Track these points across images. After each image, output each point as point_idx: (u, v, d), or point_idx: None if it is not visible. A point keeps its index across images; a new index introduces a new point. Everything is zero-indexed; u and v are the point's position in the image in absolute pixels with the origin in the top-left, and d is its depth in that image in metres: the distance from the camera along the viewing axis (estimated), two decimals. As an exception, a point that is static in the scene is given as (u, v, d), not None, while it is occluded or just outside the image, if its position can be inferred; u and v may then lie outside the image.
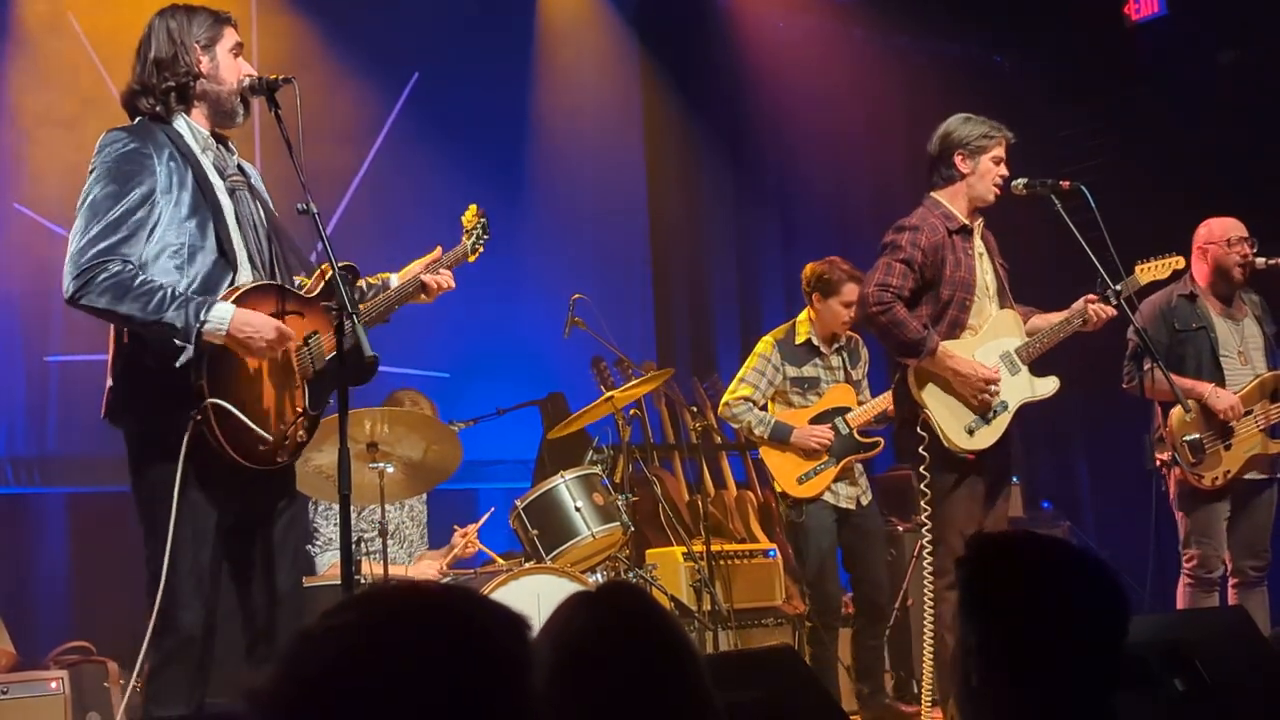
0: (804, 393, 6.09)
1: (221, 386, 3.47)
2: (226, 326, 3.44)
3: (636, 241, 8.88)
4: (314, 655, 1.31)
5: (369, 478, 5.09)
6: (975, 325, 4.90)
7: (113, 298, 3.43)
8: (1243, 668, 3.45)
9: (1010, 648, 2.09)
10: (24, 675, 5.24)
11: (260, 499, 3.69)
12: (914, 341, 4.75)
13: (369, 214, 7.66)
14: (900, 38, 9.58)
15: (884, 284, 4.79)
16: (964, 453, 4.79)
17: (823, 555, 6.01)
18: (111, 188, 3.53)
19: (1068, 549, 2.18)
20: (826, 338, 6.12)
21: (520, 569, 5.24)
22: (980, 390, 4.78)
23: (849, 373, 6.15)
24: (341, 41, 7.63)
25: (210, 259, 3.59)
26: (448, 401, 7.07)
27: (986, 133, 4.93)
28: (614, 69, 8.95)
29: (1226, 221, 5.91)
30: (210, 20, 3.74)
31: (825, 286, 6.05)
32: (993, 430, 4.84)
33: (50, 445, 6.78)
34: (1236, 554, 5.80)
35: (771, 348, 6.14)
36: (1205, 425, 5.71)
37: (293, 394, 3.63)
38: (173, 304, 3.42)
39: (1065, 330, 4.99)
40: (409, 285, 3.93)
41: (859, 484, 6.09)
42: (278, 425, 3.58)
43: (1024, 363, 4.94)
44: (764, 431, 6.04)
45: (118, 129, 3.65)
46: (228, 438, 3.47)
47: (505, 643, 1.34)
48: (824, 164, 9.41)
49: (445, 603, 1.35)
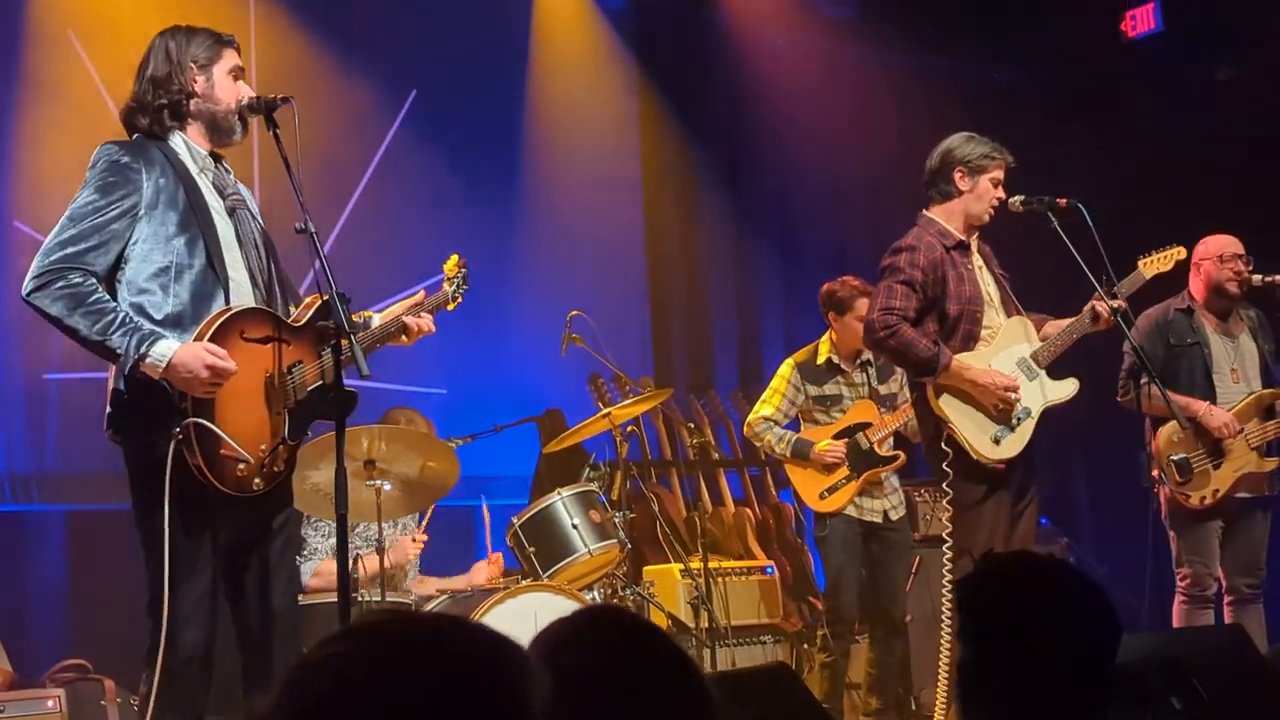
0: (827, 410, 6.14)
1: (206, 407, 3.48)
2: (165, 363, 3.43)
3: (634, 258, 8.89)
4: (311, 685, 1.31)
5: (366, 495, 5.09)
6: (987, 336, 4.91)
7: (64, 307, 3.47)
8: (1239, 685, 3.46)
9: (1005, 666, 2.11)
10: (21, 694, 5.23)
11: (257, 517, 3.69)
12: (927, 359, 4.75)
13: (366, 232, 7.67)
14: (897, 55, 9.60)
15: (888, 308, 4.80)
16: (993, 463, 4.78)
17: (839, 567, 6.03)
18: (94, 197, 3.56)
19: (1061, 568, 2.20)
20: (849, 355, 6.16)
21: (517, 587, 5.24)
22: (1001, 398, 4.78)
23: (874, 388, 6.16)
24: (340, 60, 7.65)
25: (199, 278, 3.60)
26: (446, 418, 7.07)
27: (988, 153, 4.95)
28: (612, 88, 8.98)
29: (1222, 239, 5.92)
30: (210, 41, 3.77)
31: (838, 305, 6.11)
32: (1019, 437, 4.84)
33: (49, 462, 6.79)
34: (1231, 572, 5.79)
35: (791, 369, 6.21)
36: (1196, 444, 5.71)
37: (275, 422, 3.63)
38: (120, 329, 3.45)
39: (1078, 330, 4.98)
40: (391, 325, 3.94)
41: (888, 499, 6.10)
42: (257, 451, 3.58)
43: (1040, 367, 4.95)
44: (785, 449, 6.11)
45: (111, 143, 3.68)
46: (205, 460, 3.47)
47: (503, 675, 1.34)
48: (821, 180, 9.43)
49: (443, 634, 1.35)
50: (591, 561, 5.54)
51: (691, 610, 6.11)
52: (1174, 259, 5.39)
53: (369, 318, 3.99)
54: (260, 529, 3.70)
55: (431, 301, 4.09)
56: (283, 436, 3.64)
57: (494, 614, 4.98)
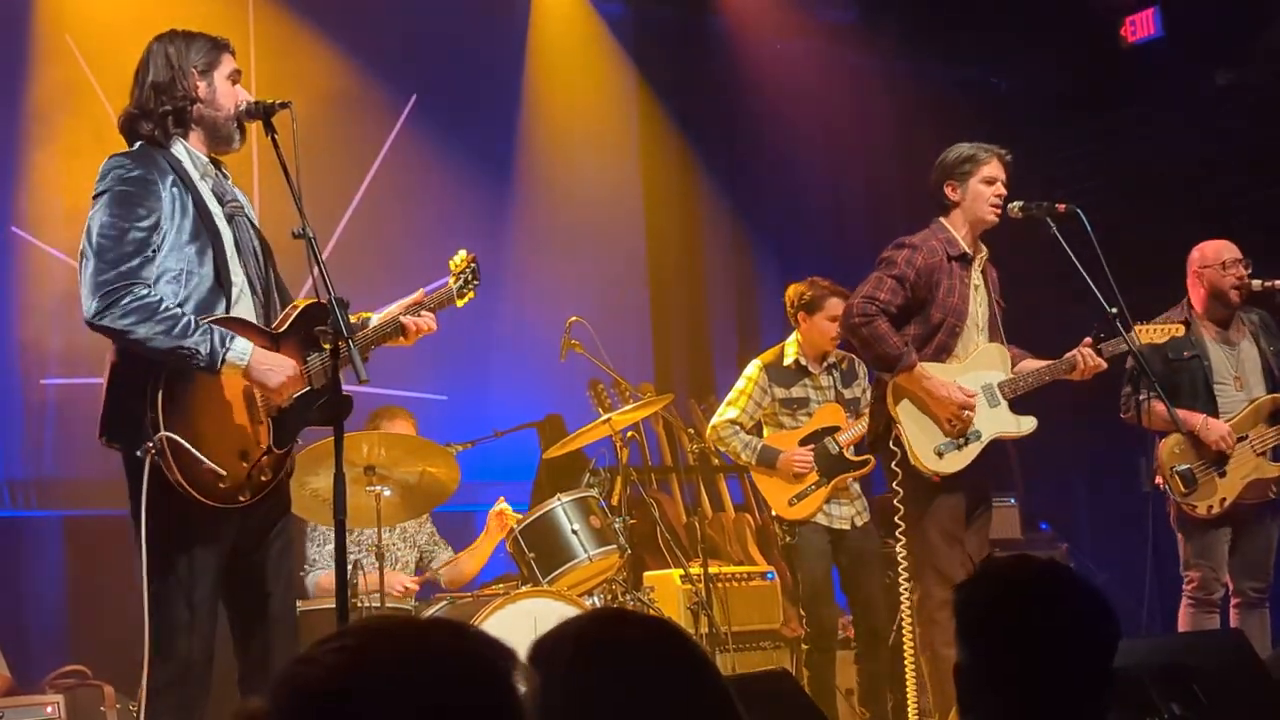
0: (794, 413, 6.10)
1: (179, 420, 3.47)
2: (248, 359, 3.49)
3: (634, 264, 8.89)
4: (302, 683, 1.31)
5: (366, 501, 5.08)
6: (961, 354, 4.94)
7: (136, 320, 3.44)
8: (1239, 690, 3.45)
9: (1003, 671, 2.10)
10: (20, 700, 5.22)
11: (254, 524, 3.68)
12: (892, 356, 4.79)
13: (366, 237, 7.66)
14: (898, 61, 9.60)
15: (871, 297, 4.85)
16: (930, 474, 4.83)
17: (815, 578, 6.01)
18: (122, 212, 3.54)
19: (1059, 572, 2.19)
20: (815, 357, 6.13)
21: (517, 592, 5.23)
22: (955, 414, 4.79)
23: (840, 392, 6.15)
24: (340, 64, 7.65)
25: (205, 285, 3.60)
26: (445, 423, 7.06)
27: (971, 155, 4.98)
28: (612, 93, 8.98)
29: (1219, 244, 5.91)
30: (208, 46, 3.76)
31: (809, 305, 6.08)
32: (962, 457, 4.86)
33: (47, 468, 6.78)
34: (1238, 576, 5.79)
35: (759, 370, 6.17)
36: (1197, 455, 5.70)
37: (257, 431, 3.62)
38: (197, 331, 3.46)
39: (1053, 374, 5.02)
40: (386, 326, 3.91)
41: (854, 504, 6.08)
42: (239, 462, 3.56)
43: (1005, 398, 4.96)
44: (750, 456, 6.07)
45: (121, 154, 3.66)
46: (184, 473, 3.46)
47: (492, 676, 1.35)
48: (821, 185, 9.43)
49: (432, 635, 1.36)
50: (591, 567, 5.54)
51: (691, 616, 6.11)
52: (1169, 334, 5.48)
53: (367, 318, 3.97)
54: (257, 535, 3.69)
55: (433, 299, 4.05)
56: (268, 446, 3.63)
57: (494, 619, 4.98)
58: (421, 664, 1.32)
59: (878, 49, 9.48)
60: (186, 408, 3.50)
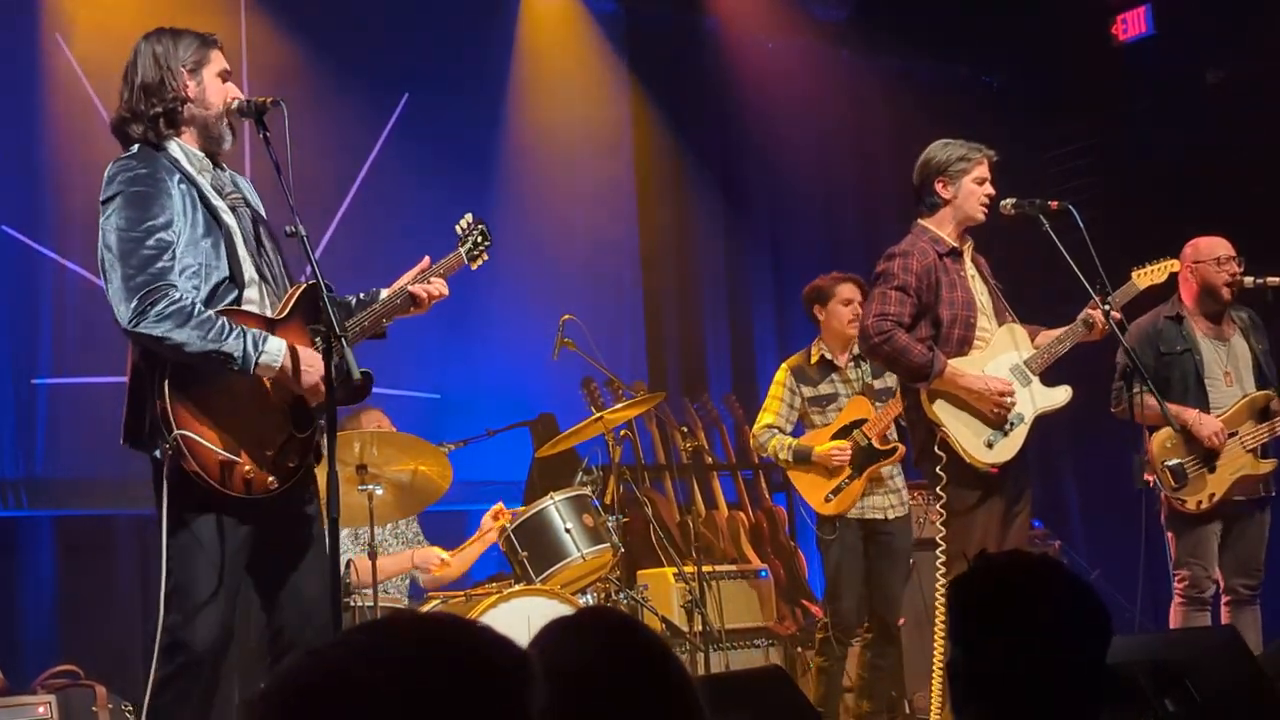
0: (823, 410, 6.09)
1: (194, 416, 3.47)
2: (280, 359, 3.48)
3: (627, 262, 8.88)
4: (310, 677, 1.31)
5: (358, 500, 5.08)
6: (980, 344, 4.92)
7: (173, 324, 3.42)
8: (1231, 686, 3.45)
9: (996, 667, 2.10)
10: (11, 700, 5.21)
11: (287, 510, 3.66)
12: (921, 365, 4.75)
13: (358, 235, 7.65)
14: (889, 58, 9.61)
15: (882, 314, 4.81)
16: (986, 467, 4.78)
17: (839, 572, 5.95)
18: (137, 214, 3.52)
19: (1052, 568, 2.19)
20: (840, 349, 6.10)
21: (510, 591, 5.24)
22: (997, 403, 4.79)
23: (869, 384, 6.13)
24: (332, 63, 7.64)
25: (221, 278, 3.60)
26: (438, 422, 7.06)
27: (964, 154, 4.96)
28: (603, 90, 8.97)
29: (1213, 240, 5.92)
30: (197, 43, 3.73)
31: (821, 295, 6.10)
32: (1012, 442, 4.84)
33: (38, 468, 6.75)
34: (1229, 573, 5.79)
35: (786, 374, 6.16)
36: (1189, 450, 5.71)
37: (273, 419, 3.61)
38: (232, 333, 3.46)
39: (1071, 338, 4.99)
40: (395, 298, 3.89)
41: (889, 496, 6.04)
42: (260, 452, 3.55)
43: (1034, 374, 4.96)
44: (787, 455, 6.03)
45: (125, 157, 3.64)
46: (205, 468, 3.46)
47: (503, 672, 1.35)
48: (813, 183, 9.44)
49: (443, 631, 1.36)
50: (584, 565, 5.54)
51: (685, 614, 6.11)
52: (1167, 270, 5.41)
53: (377, 294, 3.94)
54: (289, 524, 3.67)
55: (443, 264, 4.02)
56: (289, 431, 3.62)
57: (488, 618, 4.97)
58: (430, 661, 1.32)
59: (869, 47, 9.49)
60: (199, 403, 3.49)
